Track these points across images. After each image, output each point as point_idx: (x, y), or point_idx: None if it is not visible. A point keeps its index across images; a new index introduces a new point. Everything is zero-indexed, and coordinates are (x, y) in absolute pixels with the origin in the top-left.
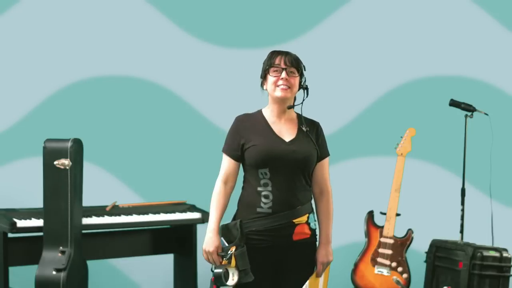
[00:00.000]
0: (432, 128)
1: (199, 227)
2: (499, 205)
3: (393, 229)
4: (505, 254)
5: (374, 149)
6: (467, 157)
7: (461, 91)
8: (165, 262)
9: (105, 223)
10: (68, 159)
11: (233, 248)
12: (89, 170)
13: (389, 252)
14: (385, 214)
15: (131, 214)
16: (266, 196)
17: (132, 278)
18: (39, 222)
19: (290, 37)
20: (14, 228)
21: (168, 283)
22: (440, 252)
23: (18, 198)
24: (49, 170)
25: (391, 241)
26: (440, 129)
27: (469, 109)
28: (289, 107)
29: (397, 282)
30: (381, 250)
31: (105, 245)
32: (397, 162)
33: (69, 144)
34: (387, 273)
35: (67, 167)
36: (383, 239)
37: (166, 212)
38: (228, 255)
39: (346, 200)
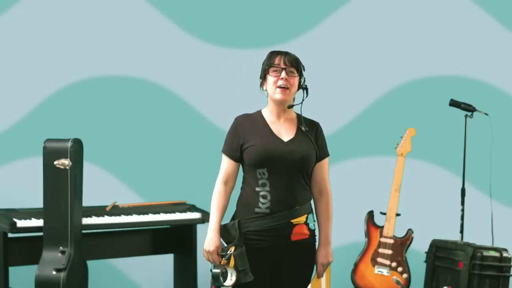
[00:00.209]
0: (432, 128)
1: (199, 227)
2: (499, 205)
3: (393, 229)
4: (505, 254)
5: (374, 149)
6: (467, 157)
7: (461, 91)
8: (165, 262)
9: (105, 223)
10: (68, 159)
11: (232, 248)
12: (89, 170)
13: (389, 252)
14: (385, 214)
15: (131, 214)
16: (264, 196)
17: (132, 278)
18: (39, 222)
19: (290, 37)
20: (14, 228)
21: (168, 283)
22: (440, 252)
23: (18, 198)
24: (49, 170)
25: (391, 241)
26: (440, 129)
27: (469, 109)
28: (289, 106)
29: (397, 282)
30: (381, 250)
31: (105, 245)
32: (397, 162)
33: (69, 144)
34: (387, 273)
35: (67, 167)
36: (383, 239)
37: (166, 212)
38: (227, 255)
39: (346, 200)
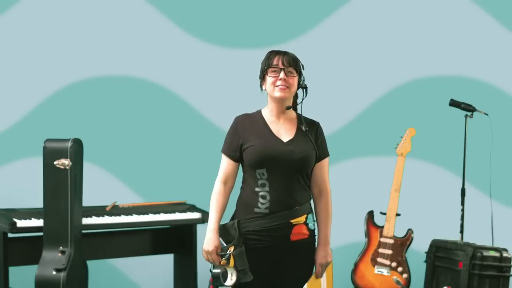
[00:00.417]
0: (432, 128)
1: (199, 227)
2: (499, 205)
3: (393, 229)
4: (505, 254)
5: (374, 149)
6: (467, 157)
7: (461, 91)
8: (165, 262)
9: (105, 223)
10: (68, 159)
11: (232, 248)
12: (89, 170)
13: (389, 252)
14: (385, 214)
15: (131, 214)
16: (263, 196)
17: (132, 278)
18: (39, 222)
19: (290, 37)
20: (14, 228)
21: (168, 283)
22: (440, 252)
23: (18, 198)
24: (49, 170)
25: (391, 241)
26: (440, 129)
27: (469, 109)
28: (287, 107)
29: (397, 282)
30: (381, 250)
31: (105, 245)
32: (397, 162)
33: (69, 144)
34: (387, 273)
35: (67, 167)
36: (383, 239)
37: (166, 212)
38: (226, 255)
39: (346, 200)
